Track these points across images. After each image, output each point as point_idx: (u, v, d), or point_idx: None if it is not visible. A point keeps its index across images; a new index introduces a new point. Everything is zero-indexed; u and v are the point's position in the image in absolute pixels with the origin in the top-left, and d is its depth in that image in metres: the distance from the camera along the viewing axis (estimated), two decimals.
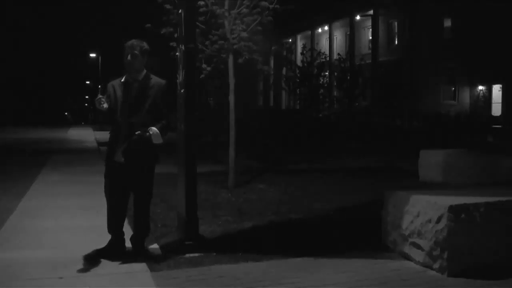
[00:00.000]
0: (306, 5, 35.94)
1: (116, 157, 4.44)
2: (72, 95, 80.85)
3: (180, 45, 4.95)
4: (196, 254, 4.57)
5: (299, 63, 32.65)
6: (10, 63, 57.31)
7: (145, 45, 4.57)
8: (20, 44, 59.49)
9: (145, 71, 4.59)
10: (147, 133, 4.36)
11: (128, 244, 4.64)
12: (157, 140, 4.39)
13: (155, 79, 4.58)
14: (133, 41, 4.55)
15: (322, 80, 29.74)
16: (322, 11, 40.52)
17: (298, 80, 29.90)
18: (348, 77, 30.06)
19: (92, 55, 49.23)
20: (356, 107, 29.86)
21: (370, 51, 36.95)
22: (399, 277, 4.08)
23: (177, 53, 5.31)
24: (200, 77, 8.90)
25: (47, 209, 6.65)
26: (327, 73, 31.74)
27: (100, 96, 4.39)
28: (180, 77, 4.90)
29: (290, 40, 46.54)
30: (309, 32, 44.50)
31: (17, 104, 59.76)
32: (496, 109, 32.04)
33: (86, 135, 25.63)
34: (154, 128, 4.38)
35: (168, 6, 8.32)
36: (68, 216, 6.24)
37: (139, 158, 4.44)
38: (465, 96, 34.49)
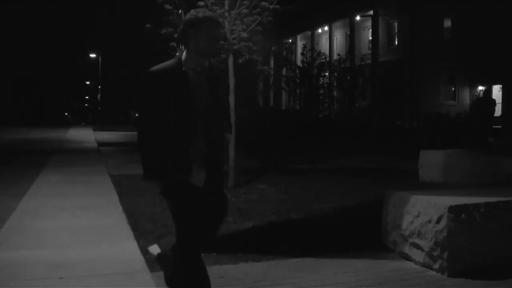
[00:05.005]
0: (306, 5, 35.94)
1: (194, 179, 3.08)
2: (72, 95, 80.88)
3: (180, 45, 4.95)
4: None
5: (299, 63, 32.66)
6: (10, 63, 57.31)
7: None
8: (20, 44, 59.49)
9: None
10: (227, 141, 3.29)
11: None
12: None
13: (216, 64, 3.35)
14: (211, 13, 3.19)
15: (322, 80, 29.76)
16: (322, 11, 40.54)
17: (298, 80, 29.92)
18: (348, 77, 30.09)
19: (92, 55, 49.26)
20: (356, 107, 29.86)
21: (370, 51, 36.94)
22: (399, 277, 4.08)
23: (177, 53, 5.31)
24: None
25: (47, 209, 6.65)
26: (327, 73, 31.76)
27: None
28: None
29: (290, 40, 46.54)
30: (309, 32, 44.50)
31: (17, 104, 59.77)
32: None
33: (86, 135, 25.65)
34: (228, 134, 3.31)
35: (168, 7, 8.32)
36: (68, 216, 6.24)
37: (221, 171, 3.33)
38: (465, 96, 34.48)
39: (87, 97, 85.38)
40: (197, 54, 3.09)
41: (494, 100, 15.57)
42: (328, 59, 33.61)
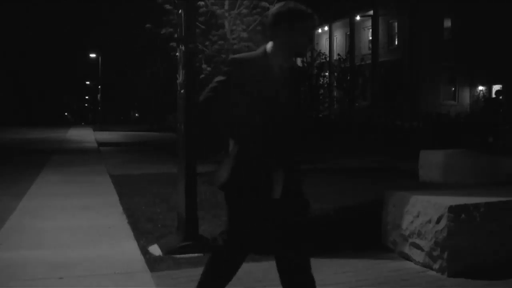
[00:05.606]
0: (306, 5, 35.95)
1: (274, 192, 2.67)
2: (72, 95, 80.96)
3: (180, 45, 4.95)
4: (196, 254, 4.57)
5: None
6: (10, 63, 57.33)
7: None
8: (20, 44, 59.53)
9: None
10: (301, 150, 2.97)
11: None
12: None
13: (296, 64, 2.89)
14: (306, 8, 2.75)
15: (322, 80, 29.77)
16: (322, 11, 40.55)
17: None
18: (348, 77, 30.10)
19: (92, 55, 49.30)
20: (356, 107, 29.87)
21: (370, 51, 36.96)
22: (399, 277, 4.08)
23: (177, 53, 5.31)
24: (200, 77, 8.90)
25: (47, 209, 6.65)
26: (327, 73, 31.77)
27: None
28: (180, 78, 4.89)
29: None
30: None
31: (17, 104, 59.81)
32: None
33: (86, 135, 25.65)
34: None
35: (168, 7, 8.33)
36: (68, 216, 6.24)
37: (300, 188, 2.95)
38: (465, 96, 34.50)
39: (87, 97, 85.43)
40: (286, 51, 2.65)
41: (502, 101, 15.69)
42: (328, 59, 33.61)
